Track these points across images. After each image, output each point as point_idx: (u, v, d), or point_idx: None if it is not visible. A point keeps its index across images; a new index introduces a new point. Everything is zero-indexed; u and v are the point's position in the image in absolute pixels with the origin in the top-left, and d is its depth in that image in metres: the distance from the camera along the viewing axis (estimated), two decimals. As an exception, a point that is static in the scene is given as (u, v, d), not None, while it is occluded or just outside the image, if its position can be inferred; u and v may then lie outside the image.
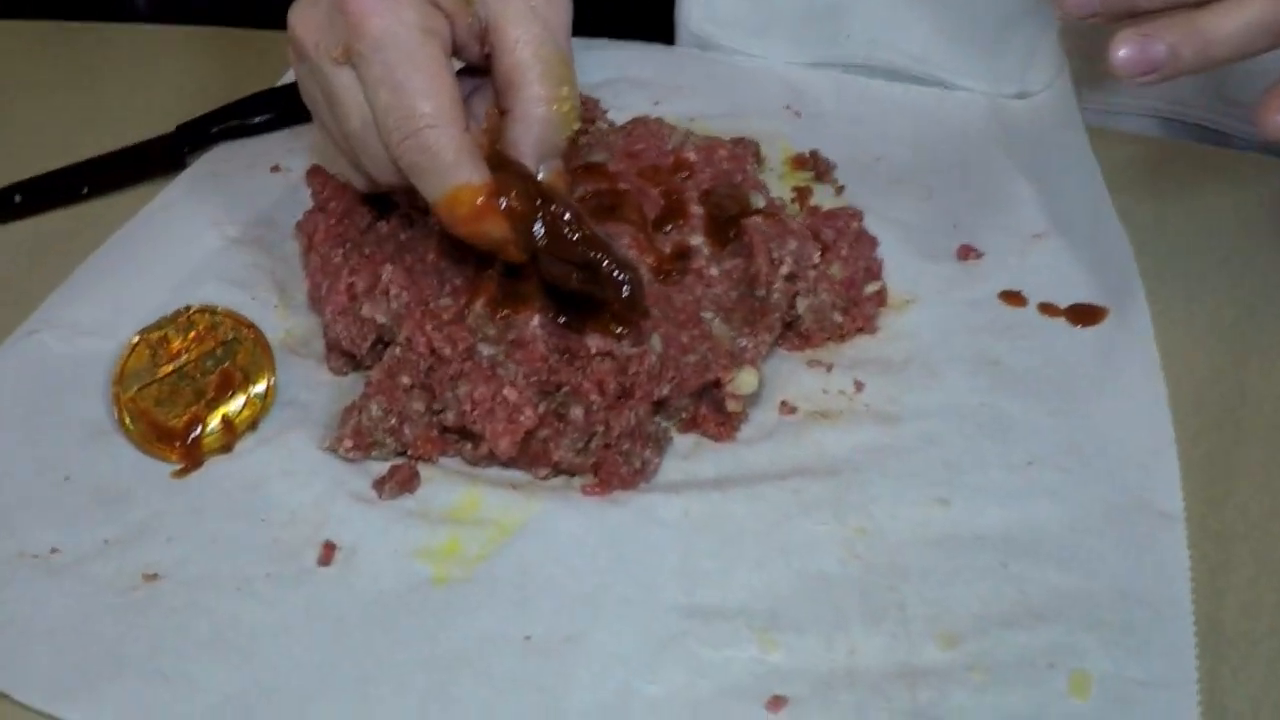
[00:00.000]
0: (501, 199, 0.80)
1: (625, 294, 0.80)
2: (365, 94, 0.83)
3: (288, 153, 1.13)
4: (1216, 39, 0.77)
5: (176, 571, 0.77)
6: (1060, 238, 1.01)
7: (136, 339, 0.88)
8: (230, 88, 1.21)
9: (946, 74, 1.19)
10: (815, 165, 1.11)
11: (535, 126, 0.84)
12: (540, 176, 0.84)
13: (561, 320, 0.83)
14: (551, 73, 0.84)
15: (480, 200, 0.80)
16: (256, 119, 1.18)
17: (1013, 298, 0.97)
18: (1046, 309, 0.96)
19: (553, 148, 0.86)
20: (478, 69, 0.89)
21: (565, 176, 0.87)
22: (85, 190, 1.12)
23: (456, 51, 0.86)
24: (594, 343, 0.81)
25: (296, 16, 0.87)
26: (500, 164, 0.83)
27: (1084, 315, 0.95)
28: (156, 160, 1.14)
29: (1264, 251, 1.03)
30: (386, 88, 0.81)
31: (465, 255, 0.88)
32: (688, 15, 1.31)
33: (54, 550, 0.78)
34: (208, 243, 1.02)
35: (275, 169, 1.11)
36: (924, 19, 1.18)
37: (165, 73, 1.32)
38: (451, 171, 0.80)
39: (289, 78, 1.23)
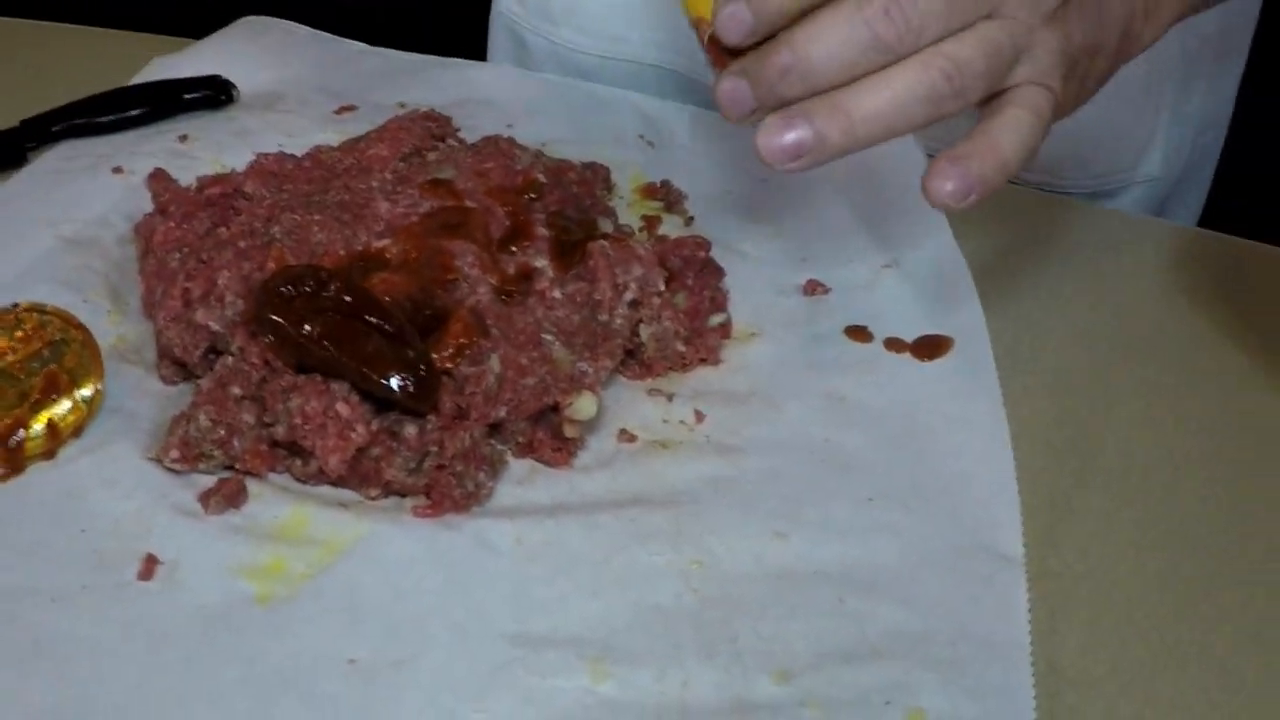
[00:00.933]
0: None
1: (399, 394, 0.80)
2: None
3: (131, 155, 1.11)
4: (862, 115, 0.75)
5: (-8, 579, 0.75)
6: (905, 272, 1.02)
7: (-40, 336, 0.86)
8: (77, 86, 1.19)
9: None
10: (666, 195, 1.12)
11: None
12: None
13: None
14: None
15: None
16: (102, 118, 1.16)
17: (858, 333, 0.97)
18: (892, 344, 0.96)
19: None
20: None
21: None
22: (-80, 182, 1.09)
23: None
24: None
25: None
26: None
27: (929, 349, 0.96)
28: (-4, 154, 1.12)
29: (1109, 296, 1.06)
30: None
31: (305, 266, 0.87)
32: None
33: None
34: (42, 241, 0.99)
35: (117, 170, 1.09)
36: None
37: (11, 66, 1.31)
38: None
39: (140, 78, 1.22)
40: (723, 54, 0.78)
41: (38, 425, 0.82)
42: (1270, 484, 0.88)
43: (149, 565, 0.76)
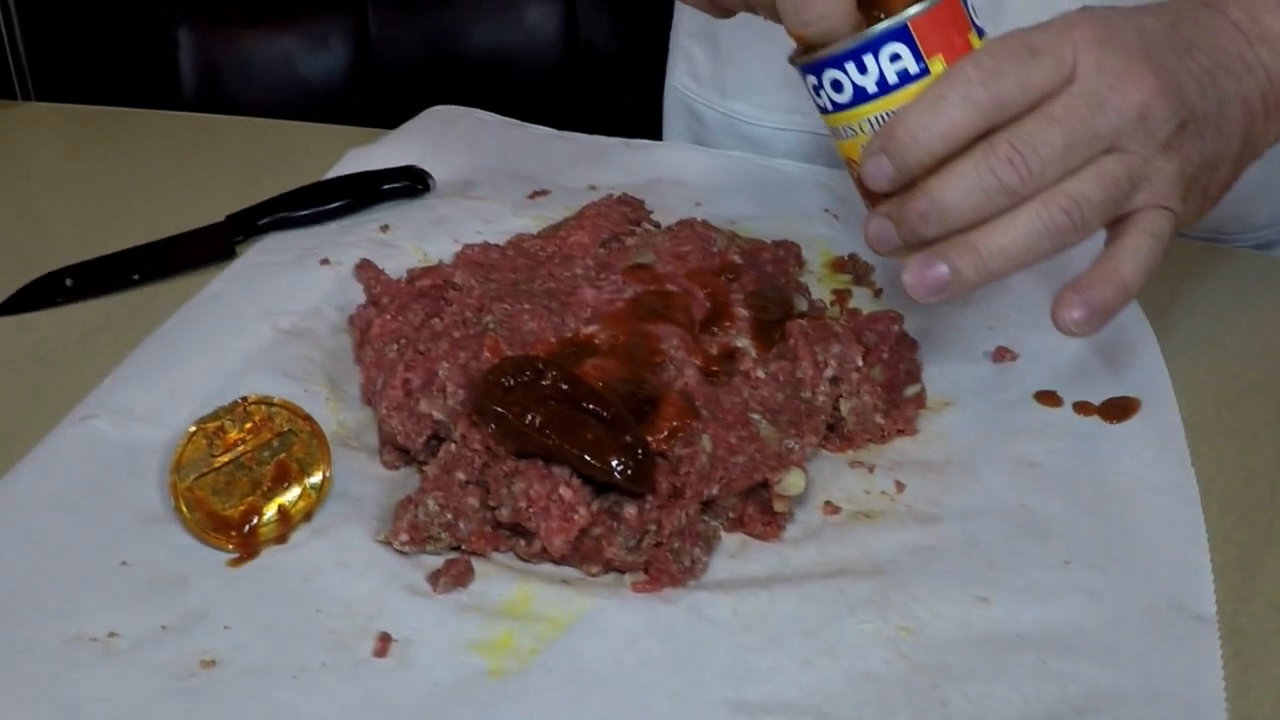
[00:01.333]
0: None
1: (620, 477, 0.83)
2: None
3: (335, 246, 1.15)
4: (990, 252, 0.83)
5: (233, 659, 0.77)
6: (1090, 337, 1.03)
7: (194, 428, 0.89)
8: (278, 180, 1.23)
9: None
10: (854, 268, 1.14)
11: None
12: None
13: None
14: None
15: None
16: (304, 211, 1.20)
17: (1048, 398, 0.99)
18: (1081, 408, 0.98)
19: None
20: None
21: None
22: (136, 277, 1.14)
23: None
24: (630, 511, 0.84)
25: None
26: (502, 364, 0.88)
27: (1117, 411, 0.97)
28: (206, 249, 1.17)
29: (1266, 352, 1.06)
30: None
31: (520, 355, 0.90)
32: (672, 72, 1.43)
33: (112, 634, 0.78)
34: (259, 333, 1.03)
35: (324, 261, 1.12)
36: None
37: (213, 162, 1.35)
38: None
39: (337, 170, 1.26)
40: (870, 192, 0.87)
41: (270, 511, 0.86)
42: None
43: (384, 643, 0.78)
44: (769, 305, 0.99)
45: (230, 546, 0.85)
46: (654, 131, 1.49)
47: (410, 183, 1.23)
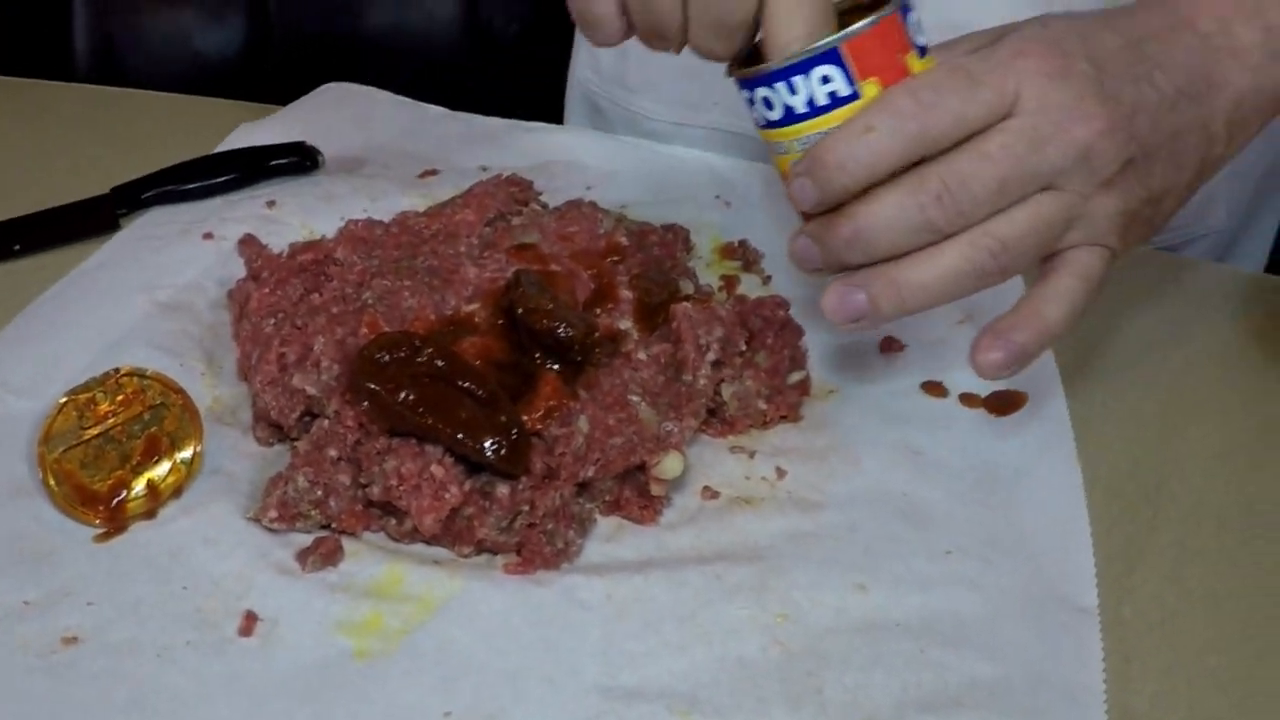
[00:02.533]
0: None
1: (493, 457, 0.82)
2: None
3: (221, 220, 1.14)
4: (911, 289, 0.81)
5: (97, 636, 0.77)
6: (979, 327, 1.02)
7: (64, 400, 0.88)
8: (168, 154, 1.22)
9: None
10: (743, 254, 1.14)
11: None
12: None
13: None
14: None
15: None
16: (191, 185, 1.19)
17: (934, 388, 0.99)
18: (967, 399, 0.98)
19: None
20: None
21: None
22: (16, 247, 1.12)
23: None
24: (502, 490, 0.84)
25: None
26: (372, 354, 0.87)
27: (1003, 404, 0.97)
28: (90, 221, 1.15)
29: (1181, 347, 1.06)
30: None
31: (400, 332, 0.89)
32: (574, 63, 1.43)
33: (-27, 608, 0.78)
34: (138, 307, 1.02)
35: (208, 236, 1.11)
36: None
37: (103, 134, 1.34)
38: None
39: (226, 144, 1.25)
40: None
41: (139, 486, 0.85)
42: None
43: (249, 622, 0.78)
44: (654, 288, 0.99)
45: (97, 521, 0.84)
46: (555, 120, 1.48)
47: (299, 159, 1.22)
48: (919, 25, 0.83)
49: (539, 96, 1.52)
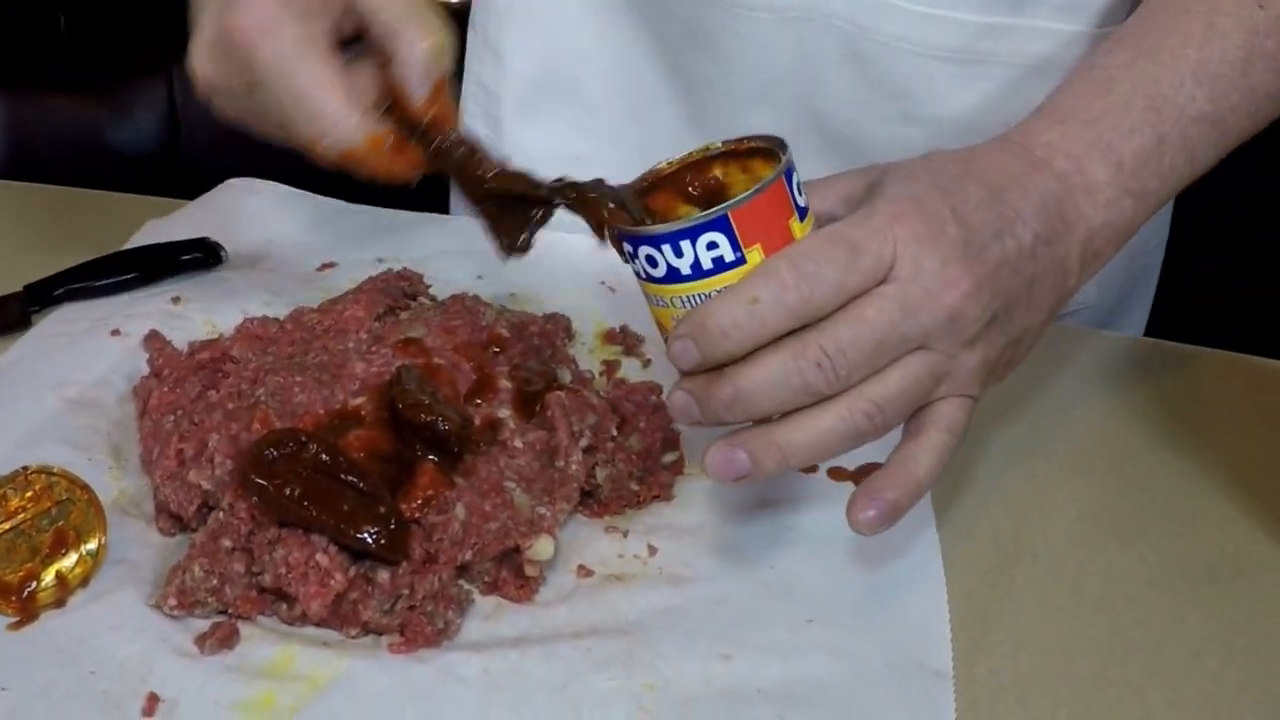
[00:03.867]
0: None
1: (373, 545, 0.87)
2: (275, 108, 0.95)
3: (127, 317, 1.17)
4: (792, 450, 0.83)
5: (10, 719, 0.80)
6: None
7: (-24, 497, 0.91)
8: (79, 249, 1.25)
9: None
10: (625, 339, 1.18)
11: (418, 60, 0.96)
12: (419, 95, 0.96)
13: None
14: (422, 18, 0.97)
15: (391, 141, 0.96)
16: (101, 281, 1.22)
17: (805, 465, 1.03)
18: (835, 473, 1.02)
19: (434, 75, 0.96)
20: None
21: (448, 101, 0.98)
22: (-70, 344, 1.14)
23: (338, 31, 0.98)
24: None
25: (195, 60, 0.99)
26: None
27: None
28: (2, 318, 1.18)
29: (1051, 410, 1.11)
30: (289, 102, 0.94)
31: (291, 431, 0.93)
32: None
33: (-113, 698, 0.81)
34: (47, 403, 1.05)
35: (115, 332, 1.15)
36: None
37: (17, 229, 1.36)
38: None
39: (134, 241, 1.28)
40: None
41: (48, 577, 0.89)
42: (1201, 591, 0.94)
43: (151, 703, 0.81)
44: (532, 377, 1.03)
45: (9, 611, 0.87)
46: (444, 209, 1.52)
47: (203, 255, 1.26)
48: (799, 187, 0.84)
49: (428, 186, 1.56)
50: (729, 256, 0.81)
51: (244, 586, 0.88)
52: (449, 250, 1.30)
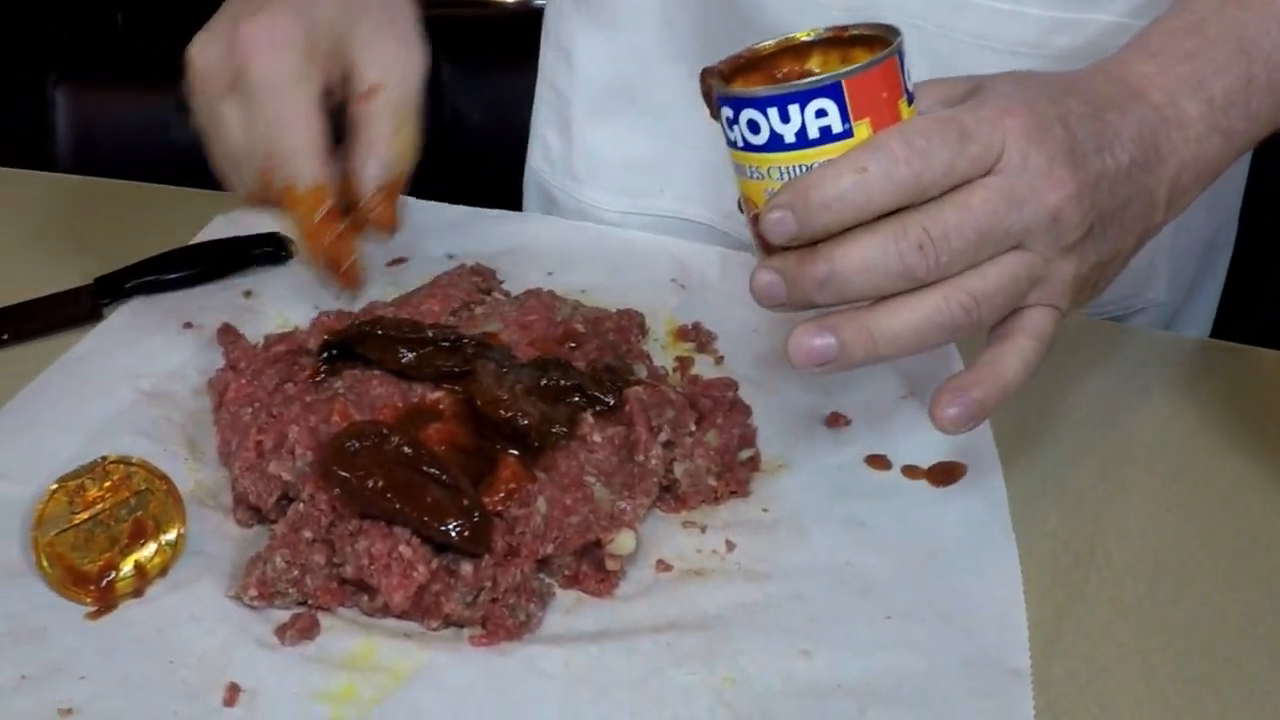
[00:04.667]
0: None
1: (456, 538, 0.87)
2: (245, 120, 0.99)
3: (200, 310, 1.17)
4: (884, 337, 0.81)
5: (90, 708, 0.80)
6: (921, 401, 1.07)
7: (55, 486, 0.91)
8: (147, 242, 1.25)
9: None
10: (697, 336, 1.18)
11: (378, 155, 1.02)
12: (370, 192, 1.01)
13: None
14: (397, 114, 1.03)
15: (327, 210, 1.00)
16: (171, 275, 1.22)
17: (878, 461, 1.03)
18: (909, 471, 1.02)
19: (389, 174, 1.03)
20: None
21: (389, 204, 1.04)
22: (4, 336, 1.16)
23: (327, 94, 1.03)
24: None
25: (195, 50, 1.02)
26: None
27: (944, 475, 1.01)
28: (74, 311, 1.19)
29: (1119, 411, 1.11)
30: (264, 118, 0.98)
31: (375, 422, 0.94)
32: (530, 154, 1.50)
33: (-31, 686, 0.81)
34: (122, 395, 1.06)
35: (188, 325, 1.15)
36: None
37: (85, 223, 1.37)
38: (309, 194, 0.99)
39: (203, 235, 1.29)
40: (765, 241, 0.83)
41: (127, 566, 0.89)
42: (1274, 590, 0.93)
43: (232, 693, 0.81)
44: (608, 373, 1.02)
45: (88, 600, 0.87)
46: (514, 208, 1.52)
47: (274, 249, 1.26)
48: (909, 72, 0.82)
49: (499, 186, 1.56)
50: (836, 127, 0.80)
51: (325, 578, 0.88)
52: (518, 248, 1.30)
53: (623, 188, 1.44)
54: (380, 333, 1.00)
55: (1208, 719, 0.83)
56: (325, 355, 1.01)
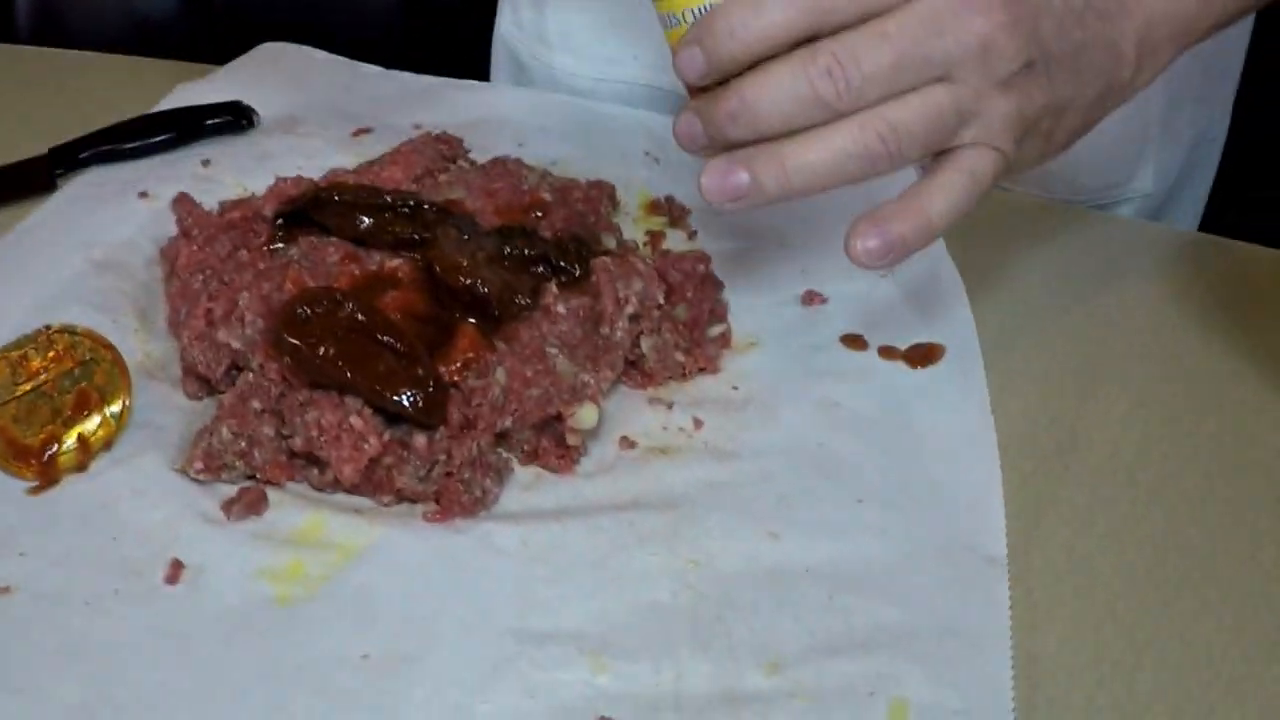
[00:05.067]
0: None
1: (410, 408, 0.84)
2: None
3: (157, 180, 1.15)
4: (797, 168, 0.80)
5: (28, 584, 0.78)
6: (899, 281, 1.05)
7: (-3, 357, 0.89)
8: (106, 114, 1.23)
9: None
10: (670, 210, 1.15)
11: None
12: None
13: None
14: None
15: None
16: (128, 145, 1.19)
17: (854, 341, 1.00)
18: (886, 352, 0.99)
19: None
20: None
21: None
22: (-46, 208, 1.12)
23: None
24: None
25: None
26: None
27: (922, 356, 0.99)
28: (28, 181, 1.16)
29: (1103, 300, 1.08)
30: None
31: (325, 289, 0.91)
32: (499, 19, 1.46)
33: (-97, 560, 0.79)
34: (73, 265, 1.03)
35: (143, 195, 1.13)
36: None
37: (41, 94, 1.35)
38: None
39: (164, 105, 1.26)
40: (690, 86, 0.84)
41: (70, 440, 0.86)
42: (1255, 484, 0.91)
43: (175, 570, 0.79)
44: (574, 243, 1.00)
45: (30, 475, 0.85)
46: (482, 77, 1.49)
47: (234, 118, 1.23)
48: None
49: (468, 56, 1.54)
50: None
51: (273, 450, 0.85)
52: (488, 118, 1.28)
53: (595, 54, 1.42)
54: (338, 199, 0.97)
55: (1184, 614, 0.81)
56: (281, 222, 0.98)
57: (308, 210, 0.98)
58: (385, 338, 0.86)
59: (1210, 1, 0.89)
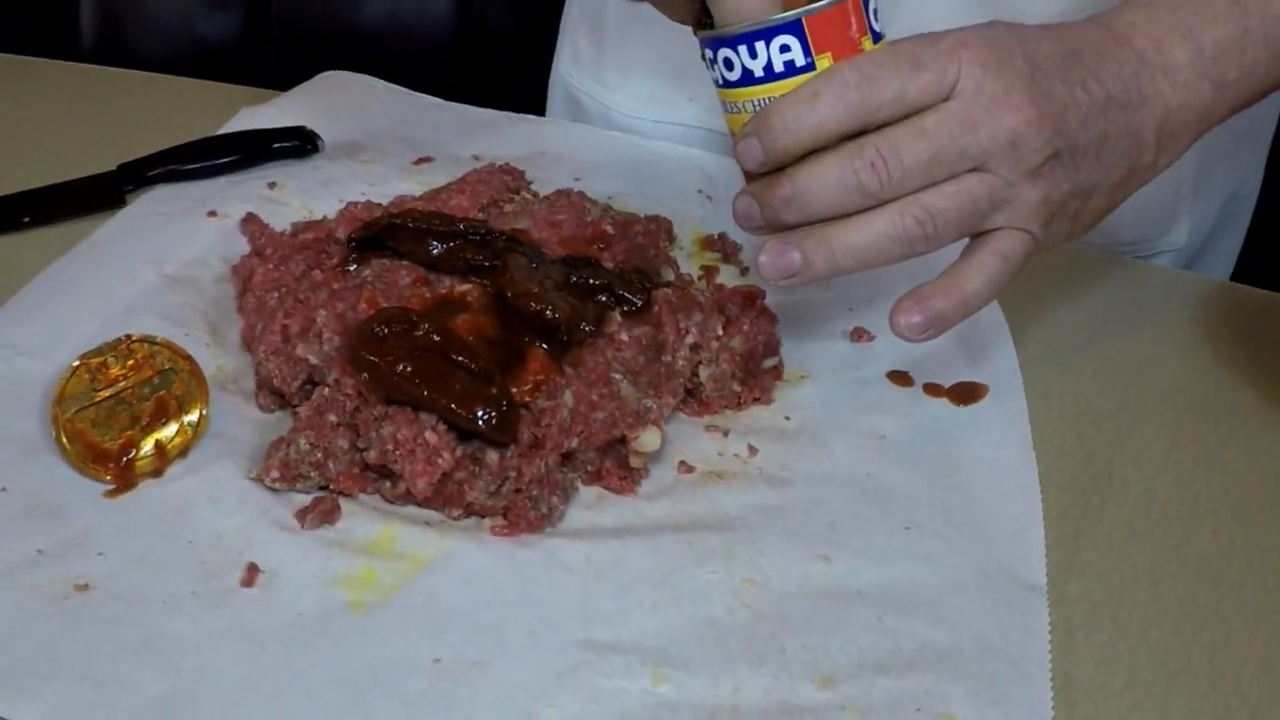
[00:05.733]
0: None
1: (484, 426, 0.86)
2: None
3: (223, 199, 1.17)
4: (842, 249, 0.87)
5: (107, 584, 0.80)
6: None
7: (77, 363, 0.91)
8: (171, 134, 1.25)
9: None
10: (723, 246, 1.18)
11: None
12: None
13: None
14: None
15: None
16: (195, 164, 1.22)
17: (900, 378, 1.03)
18: (931, 389, 1.02)
19: None
20: None
21: None
22: (26, 219, 1.15)
23: None
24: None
25: None
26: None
27: (965, 394, 1.02)
28: (96, 196, 1.18)
29: (1139, 344, 1.11)
30: None
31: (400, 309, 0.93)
32: (558, 58, 1.49)
33: (-14, 558, 0.81)
34: (144, 279, 1.05)
35: (211, 214, 1.15)
36: None
37: (109, 113, 1.37)
38: None
39: (229, 127, 1.28)
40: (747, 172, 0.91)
41: (147, 445, 0.89)
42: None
43: (251, 573, 0.81)
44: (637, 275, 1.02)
45: (107, 478, 0.87)
46: (534, 113, 1.51)
47: (300, 143, 1.25)
48: (877, 14, 0.89)
49: (523, 92, 1.55)
50: (799, 61, 0.87)
51: (348, 462, 0.88)
52: (545, 152, 1.30)
53: (652, 95, 1.44)
54: (410, 225, 0.99)
55: (1214, 644, 0.84)
56: (353, 244, 1.00)
57: (381, 235, 1.00)
58: (460, 357, 0.88)
59: (1224, 92, 0.93)
